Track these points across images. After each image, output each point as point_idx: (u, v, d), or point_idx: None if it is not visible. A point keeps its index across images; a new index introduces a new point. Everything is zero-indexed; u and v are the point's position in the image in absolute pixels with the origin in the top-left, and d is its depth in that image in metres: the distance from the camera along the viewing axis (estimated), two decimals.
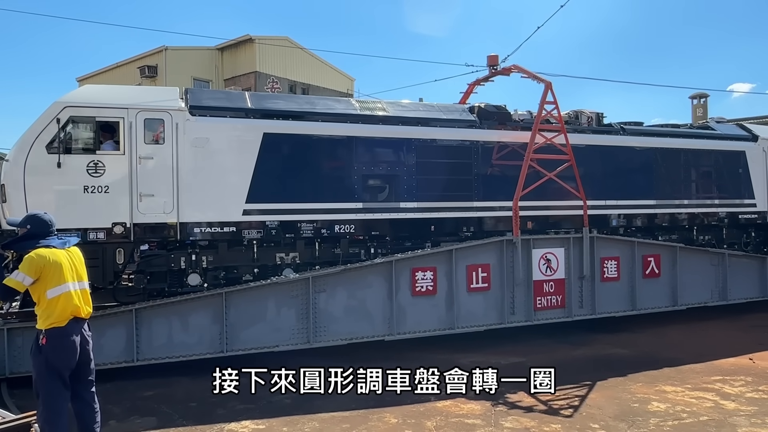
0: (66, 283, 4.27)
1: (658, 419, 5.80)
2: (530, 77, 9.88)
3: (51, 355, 4.15)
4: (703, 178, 11.69)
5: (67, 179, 7.24)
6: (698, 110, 18.29)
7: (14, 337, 6.70)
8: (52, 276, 4.22)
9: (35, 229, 4.39)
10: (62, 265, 4.30)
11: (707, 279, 10.62)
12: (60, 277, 4.25)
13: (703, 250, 10.77)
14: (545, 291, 9.13)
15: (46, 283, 4.20)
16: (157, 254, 7.80)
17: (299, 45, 30.37)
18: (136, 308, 7.05)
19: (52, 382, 4.16)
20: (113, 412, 5.86)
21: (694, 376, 7.33)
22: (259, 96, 9.44)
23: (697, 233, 11.49)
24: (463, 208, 9.31)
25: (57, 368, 4.16)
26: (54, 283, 4.21)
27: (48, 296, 4.19)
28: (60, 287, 4.23)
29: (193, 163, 7.78)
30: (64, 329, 4.20)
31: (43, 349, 4.16)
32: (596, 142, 10.60)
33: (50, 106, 7.36)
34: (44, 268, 4.21)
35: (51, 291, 4.20)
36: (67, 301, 4.24)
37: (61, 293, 4.23)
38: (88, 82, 31.87)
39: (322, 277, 7.76)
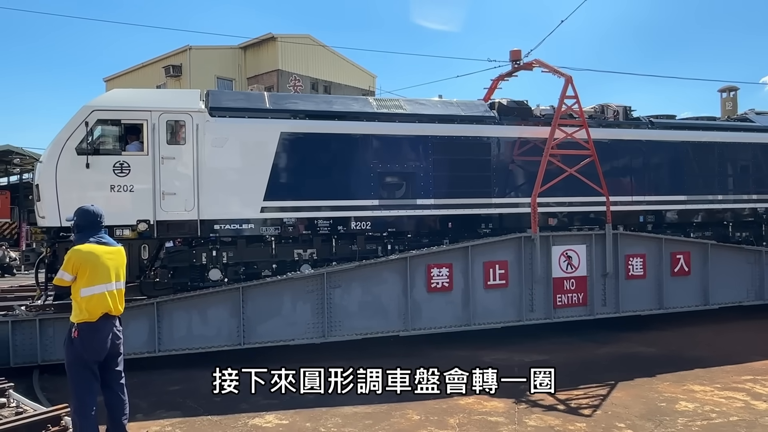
0: (101, 284, 4.55)
1: (686, 419, 5.87)
2: (551, 71, 10.25)
3: (81, 348, 4.50)
4: (741, 172, 11.71)
5: (95, 179, 8.01)
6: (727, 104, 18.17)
7: (46, 328, 7.52)
8: (89, 274, 4.51)
9: (80, 221, 4.71)
10: (100, 263, 4.57)
11: (743, 277, 10.71)
12: (95, 276, 4.53)
13: (738, 248, 10.86)
14: (566, 288, 9.47)
15: (82, 282, 4.51)
16: (179, 250, 8.55)
17: (321, 43, 31.39)
18: (157, 301, 7.78)
19: (82, 373, 4.52)
20: (140, 406, 6.20)
21: (723, 375, 7.43)
22: (278, 96, 10.14)
23: (734, 230, 11.54)
24: (482, 205, 9.73)
25: (86, 360, 4.51)
26: (88, 282, 4.50)
27: (81, 294, 4.50)
28: (93, 287, 4.51)
29: (213, 162, 8.45)
30: (95, 324, 4.53)
31: (74, 342, 4.50)
32: (623, 137, 10.84)
33: (79, 110, 8.16)
34: (81, 266, 4.50)
35: (85, 290, 4.50)
36: (100, 301, 4.54)
37: (94, 293, 4.51)
38: (114, 82, 33.60)
39: (337, 273, 8.35)
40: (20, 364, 7.39)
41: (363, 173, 9.21)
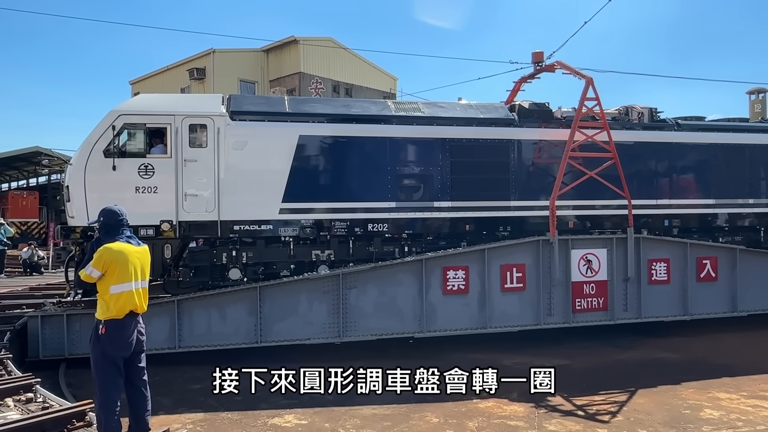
0: (129, 282, 4.83)
1: (711, 427, 5.91)
2: (572, 73, 10.52)
3: (108, 345, 4.78)
4: None
5: (121, 181, 8.61)
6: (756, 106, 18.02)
7: (73, 323, 8.14)
8: (118, 272, 4.79)
9: (106, 220, 4.98)
10: (129, 261, 4.86)
11: None
12: (124, 274, 4.81)
13: None
14: (585, 293, 9.68)
15: (111, 279, 4.78)
16: (201, 250, 9.10)
17: (343, 45, 32.19)
18: (178, 299, 8.34)
19: (108, 369, 4.80)
20: (162, 403, 6.49)
21: (750, 383, 7.50)
22: (298, 100, 10.68)
23: (765, 235, 11.59)
24: (500, 208, 10.03)
25: (112, 357, 4.80)
26: (117, 280, 4.78)
27: (111, 291, 4.77)
28: (123, 285, 4.79)
29: (233, 164, 8.98)
30: (122, 322, 4.82)
31: (101, 339, 4.79)
32: (647, 139, 11.00)
33: (106, 115, 8.80)
34: (111, 264, 4.78)
35: (114, 287, 4.77)
36: (128, 299, 4.82)
37: (122, 291, 4.79)
38: (139, 85, 34.92)
39: (353, 274, 8.76)
40: (49, 356, 8.02)
41: (380, 176, 9.61)
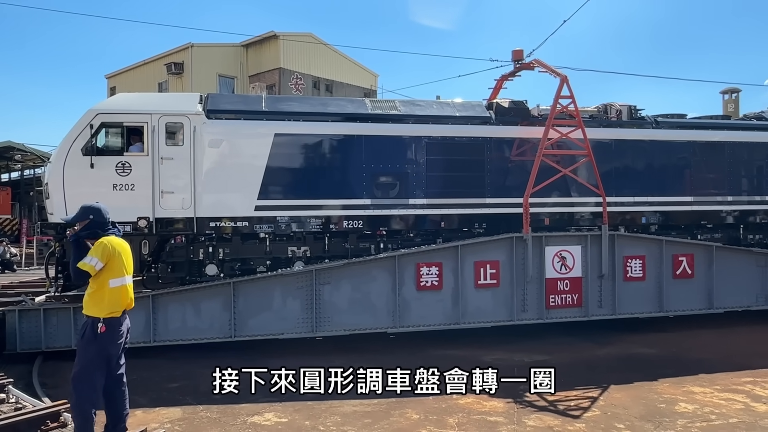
0: (123, 276, 5.03)
1: (686, 420, 6.32)
2: (548, 71, 11.32)
3: (108, 343, 4.92)
4: (754, 173, 12.40)
5: (99, 178, 9.31)
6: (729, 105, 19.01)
7: (50, 317, 8.83)
8: (116, 266, 4.99)
9: (98, 218, 5.14)
10: (123, 256, 5.09)
11: (752, 281, 11.36)
12: (121, 268, 5.03)
13: (746, 251, 11.50)
14: (560, 289, 10.40)
15: (110, 272, 4.95)
16: (178, 246, 9.81)
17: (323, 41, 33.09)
18: (153, 294, 9.03)
19: (101, 368, 4.93)
20: (140, 402, 6.65)
21: (724, 378, 7.97)
22: (275, 99, 11.46)
23: (745, 232, 12.29)
24: (475, 205, 10.77)
25: (109, 355, 4.97)
26: (116, 273, 4.98)
27: (110, 285, 4.93)
28: (120, 279, 4.99)
29: (209, 162, 9.69)
30: (119, 319, 5.00)
31: (99, 337, 4.87)
32: (625, 137, 11.72)
33: (85, 113, 9.50)
34: (112, 256, 4.97)
35: (113, 281, 4.95)
36: (124, 294, 5.03)
37: (121, 285, 5.00)
38: (116, 79, 35.70)
39: (327, 270, 9.48)
40: (26, 350, 8.72)
41: (356, 173, 10.33)
